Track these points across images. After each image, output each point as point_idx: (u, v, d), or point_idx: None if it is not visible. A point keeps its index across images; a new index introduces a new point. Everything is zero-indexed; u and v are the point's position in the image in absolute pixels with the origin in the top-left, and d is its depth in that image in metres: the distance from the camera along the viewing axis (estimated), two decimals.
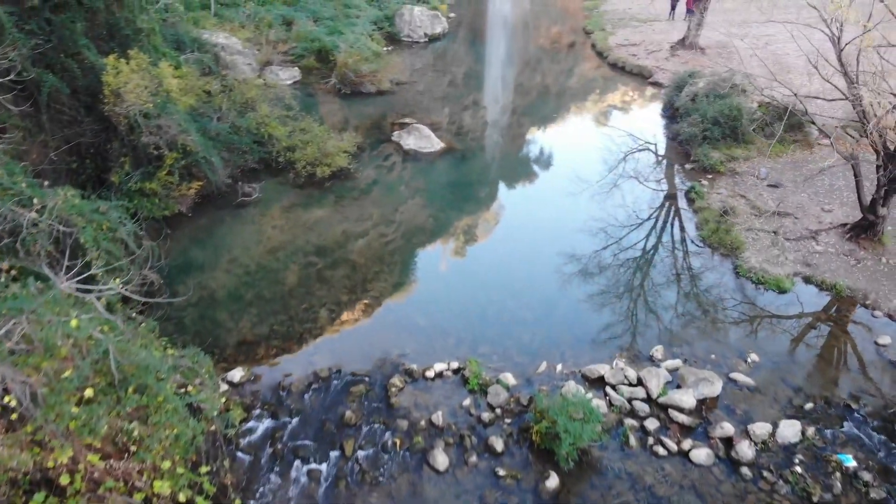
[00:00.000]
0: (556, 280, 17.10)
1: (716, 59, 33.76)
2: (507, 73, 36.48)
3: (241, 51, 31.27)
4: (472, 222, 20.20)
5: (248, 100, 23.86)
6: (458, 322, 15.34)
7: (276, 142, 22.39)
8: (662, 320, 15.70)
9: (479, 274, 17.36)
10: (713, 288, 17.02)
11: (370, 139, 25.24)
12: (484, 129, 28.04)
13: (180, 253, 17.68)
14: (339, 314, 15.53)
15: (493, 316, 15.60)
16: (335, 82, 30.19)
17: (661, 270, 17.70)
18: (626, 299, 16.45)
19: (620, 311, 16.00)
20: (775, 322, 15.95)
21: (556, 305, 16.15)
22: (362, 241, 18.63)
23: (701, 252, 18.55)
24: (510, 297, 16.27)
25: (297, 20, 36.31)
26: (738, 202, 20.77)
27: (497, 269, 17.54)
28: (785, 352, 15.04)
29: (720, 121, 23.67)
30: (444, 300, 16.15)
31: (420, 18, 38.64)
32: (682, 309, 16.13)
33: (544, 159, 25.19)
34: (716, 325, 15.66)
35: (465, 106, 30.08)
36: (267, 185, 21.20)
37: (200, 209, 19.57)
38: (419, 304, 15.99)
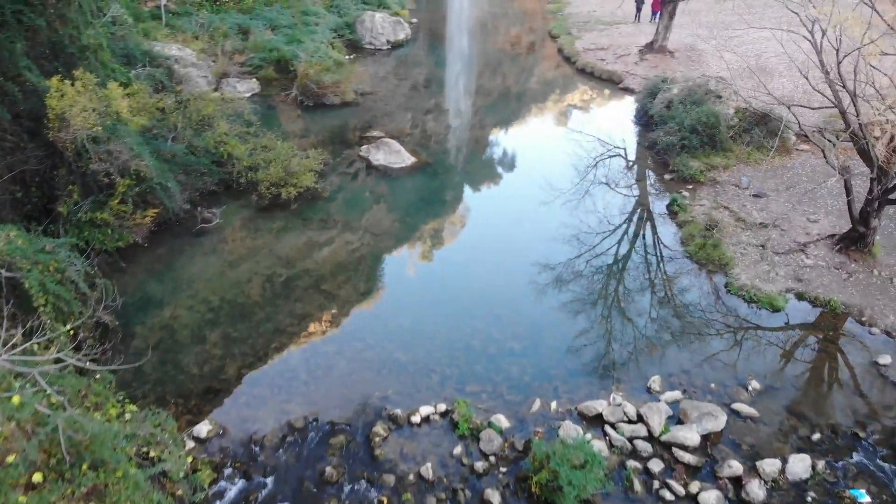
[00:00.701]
0: (540, 305, 16.31)
1: (686, 62, 33.50)
2: (472, 80, 35.71)
3: (195, 63, 29.95)
4: (449, 244, 19.31)
5: (205, 117, 22.61)
6: (441, 356, 14.42)
7: (237, 161, 21.22)
8: (656, 346, 15.00)
9: (460, 300, 16.46)
10: (705, 308, 16.40)
11: (337, 155, 24.20)
12: (453, 139, 27.23)
13: (137, 288, 16.47)
14: (313, 353, 14.49)
15: (479, 348, 14.72)
16: (297, 94, 29.03)
17: (649, 291, 17.02)
18: (615, 324, 15.72)
19: (611, 337, 15.26)
20: (772, 343, 15.38)
21: (542, 333, 15.35)
22: (333, 269, 17.61)
23: (688, 269, 17.94)
24: (494, 326, 15.42)
25: (253, 29, 35.06)
26: (722, 214, 20.22)
27: (478, 294, 16.68)
28: (785, 376, 14.47)
29: (698, 129, 23.16)
30: (426, 332, 15.21)
31: (382, 25, 37.64)
32: (676, 333, 15.46)
33: (517, 170, 24.44)
34: (712, 348, 15.02)
35: (432, 115, 29.22)
36: (228, 209, 20.03)
37: (157, 238, 18.35)
38: (398, 337, 15.02)
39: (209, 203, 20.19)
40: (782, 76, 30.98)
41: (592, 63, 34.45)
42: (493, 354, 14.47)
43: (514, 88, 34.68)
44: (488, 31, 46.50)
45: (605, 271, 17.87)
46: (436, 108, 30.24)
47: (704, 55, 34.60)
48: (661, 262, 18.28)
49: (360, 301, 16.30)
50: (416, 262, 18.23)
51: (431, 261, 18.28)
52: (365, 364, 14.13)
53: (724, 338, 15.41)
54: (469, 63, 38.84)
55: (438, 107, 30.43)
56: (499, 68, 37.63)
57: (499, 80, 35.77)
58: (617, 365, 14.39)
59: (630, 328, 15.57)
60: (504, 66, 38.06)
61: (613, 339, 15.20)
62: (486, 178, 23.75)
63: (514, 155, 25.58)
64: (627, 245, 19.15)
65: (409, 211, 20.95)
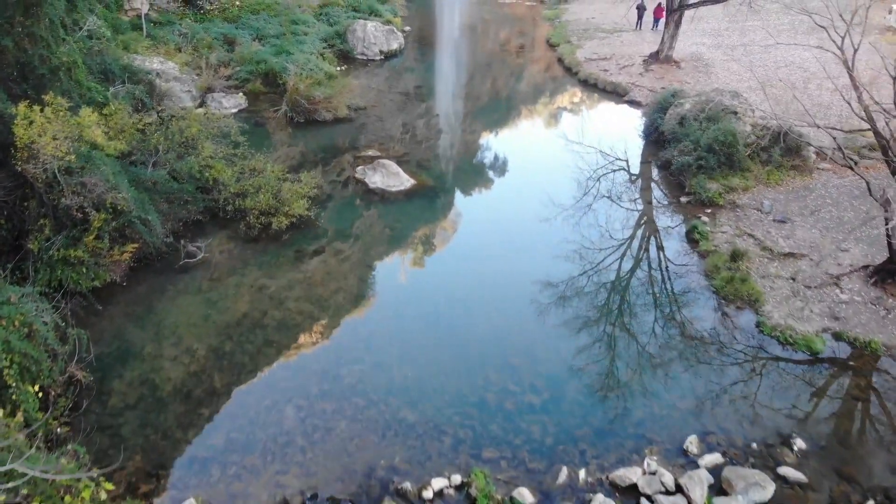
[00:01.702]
0: (558, 351, 15.08)
1: (693, 73, 32.43)
2: (471, 93, 34.44)
3: (178, 77, 28.61)
4: (455, 279, 18.01)
5: (189, 138, 21.27)
6: (452, 414, 13.14)
7: (224, 187, 19.89)
8: (688, 397, 13.78)
9: (470, 345, 15.19)
10: (738, 352, 15.19)
11: (331, 178, 22.93)
12: (454, 157, 26.01)
13: (114, 335, 15.13)
14: (310, 412, 13.16)
15: (494, 403, 13.45)
16: (286, 110, 27.70)
17: (676, 334, 15.79)
18: (642, 373, 14.47)
19: (638, 388, 14.01)
20: (812, 392, 14.21)
21: (562, 383, 14.11)
22: (328, 311, 16.32)
23: (715, 306, 16.74)
24: (509, 375, 14.16)
25: (239, 39, 33.75)
26: (746, 243, 19.06)
27: (489, 337, 15.44)
28: (830, 430, 13.29)
29: (715, 148, 22.01)
30: (433, 385, 13.92)
31: (374, 34, 36.39)
32: (709, 382, 14.23)
33: (526, 191, 23.03)
34: (749, 400, 13.82)
35: (430, 132, 28.00)
36: (214, 241, 18.71)
37: (137, 276, 17.01)
38: (403, 391, 13.72)
39: (194, 234, 18.87)
40: (795, 88, 29.88)
41: (596, 74, 33.32)
42: (510, 411, 13.20)
43: (515, 102, 33.52)
44: (484, 39, 45.36)
45: (625, 312, 16.66)
46: (434, 124, 29.03)
47: (712, 65, 33.56)
48: (686, 299, 17.06)
49: (360, 349, 14.98)
50: (420, 300, 16.94)
51: (436, 299, 16.97)
52: (368, 425, 12.82)
53: (761, 386, 14.20)
54: (466, 75, 37.59)
55: (437, 123, 29.22)
56: (497, 80, 36.50)
57: (498, 93, 34.64)
58: (648, 421, 13.14)
59: (658, 377, 14.34)
60: (503, 78, 36.94)
61: (641, 390, 13.95)
62: (490, 200, 22.56)
63: (520, 176, 24.34)
64: (649, 279, 17.96)
65: (409, 240, 19.71)
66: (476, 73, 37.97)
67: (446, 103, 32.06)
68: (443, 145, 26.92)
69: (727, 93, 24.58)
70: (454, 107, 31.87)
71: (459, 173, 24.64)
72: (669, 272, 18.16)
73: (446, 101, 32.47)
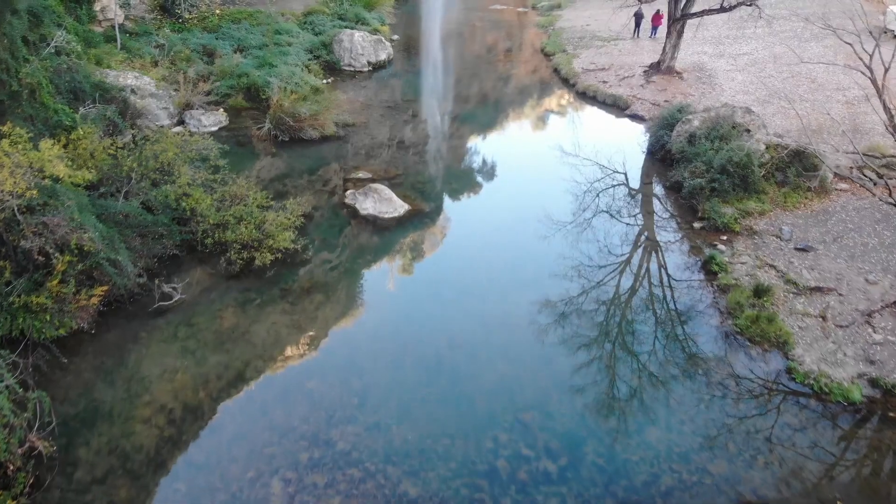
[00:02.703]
0: (572, 402, 13.84)
1: (696, 84, 31.38)
2: (464, 107, 33.13)
3: (154, 93, 27.22)
4: (459, 318, 16.72)
5: (164, 163, 19.92)
6: (460, 486, 11.87)
7: (202, 218, 18.54)
8: (720, 459, 12.58)
9: (477, 399, 13.91)
10: (770, 406, 14.00)
11: (319, 204, 21.63)
12: (449, 177, 24.77)
13: (81, 394, 13.77)
14: (299, 486, 11.85)
15: (505, 472, 12.18)
16: (270, 128, 26.35)
17: (702, 383, 14.55)
18: (669, 431, 13.25)
19: (664, 450, 12.79)
20: (851, 448, 13.06)
21: (580, 445, 12.86)
22: (320, 359, 15.02)
23: (740, 348, 15.56)
24: (522, 437, 12.90)
25: (219, 51, 32.37)
26: (768, 275, 17.93)
27: (499, 390, 14.15)
28: (875, 496, 12.11)
29: (729, 169, 20.88)
30: (437, 450, 12.62)
31: (362, 45, 35.11)
32: (742, 441, 13.02)
33: (528, 214, 21.61)
34: (788, 462, 12.62)
35: (423, 150, 26.75)
36: (192, 279, 17.37)
37: (107, 322, 15.66)
38: (403, 458, 12.42)
39: (170, 272, 17.52)
40: (804, 100, 28.94)
41: (595, 86, 32.17)
42: (524, 483, 11.93)
43: (512, 117, 32.29)
44: (475, 48, 44.12)
45: (642, 358, 15.43)
46: (427, 141, 27.77)
47: (715, 75, 32.50)
48: (711, 341, 15.85)
49: (353, 405, 13.67)
50: (418, 345, 15.61)
51: (437, 343, 15.64)
52: (367, 500, 11.52)
53: (798, 443, 13.01)
54: (459, 87, 36.25)
55: (430, 140, 27.94)
56: (491, 93, 35.23)
57: (493, 108, 33.31)
58: (677, 490, 11.92)
59: (685, 435, 13.12)
60: (497, 91, 35.69)
61: (667, 451, 12.73)
62: (491, 224, 21.21)
63: (521, 197, 22.91)
64: (667, 319, 16.76)
65: (405, 274, 18.45)
66: (468, 84, 36.72)
67: (439, 119, 30.79)
68: (437, 165, 25.67)
69: (738, 109, 23.46)
70: (447, 123, 30.61)
71: (456, 195, 23.40)
72: (689, 310, 16.94)
73: (439, 116, 31.19)
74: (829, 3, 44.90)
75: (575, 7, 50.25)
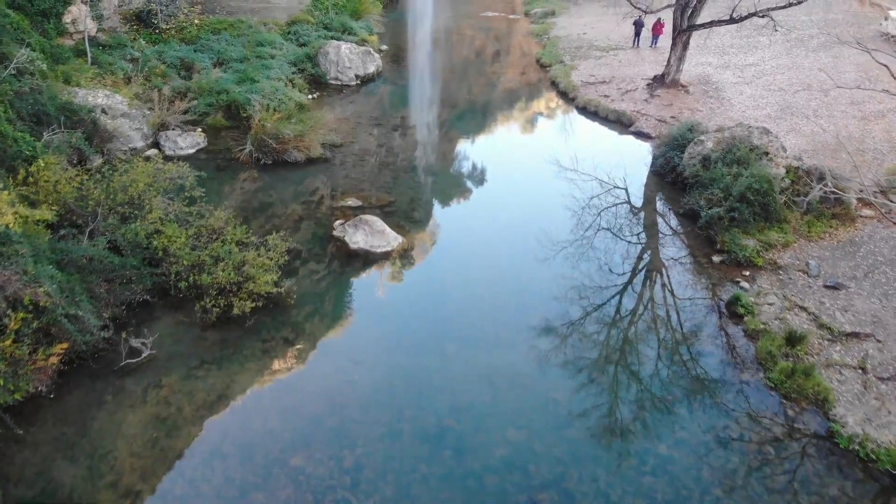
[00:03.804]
0: (595, 478, 12.37)
1: (703, 98, 30.11)
2: (460, 123, 31.58)
3: (127, 112, 25.66)
4: (463, 376, 15.21)
5: (135, 196, 18.36)
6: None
7: (175, 259, 16.97)
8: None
9: (487, 477, 12.44)
10: (811, 475, 12.60)
11: (305, 236, 20.10)
12: (445, 202, 23.23)
13: (39, 472, 12.25)
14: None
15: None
16: (251, 150, 24.76)
17: (737, 452, 13.11)
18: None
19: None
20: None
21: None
22: (306, 427, 13.48)
23: (776, 408, 14.16)
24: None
25: (198, 64, 30.73)
26: (798, 318, 16.57)
27: (510, 464, 12.69)
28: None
29: (749, 198, 19.53)
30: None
31: (349, 57, 33.58)
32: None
33: (534, 243, 20.10)
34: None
35: (417, 173, 25.23)
36: (164, 330, 15.80)
37: (68, 383, 14.11)
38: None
39: (139, 320, 15.96)
40: (818, 115, 27.71)
41: (596, 101, 30.76)
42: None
43: (510, 135, 30.71)
44: (467, 59, 42.62)
45: (665, 416, 13.99)
46: (421, 163, 26.23)
47: (723, 89, 31.22)
48: (744, 398, 14.43)
49: (344, 486, 12.14)
50: (417, 410, 14.08)
51: (438, 406, 14.12)
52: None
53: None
54: (451, 101, 34.64)
55: (424, 162, 26.41)
56: (488, 109, 33.59)
57: (490, 125, 31.67)
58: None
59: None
60: (494, 107, 34.11)
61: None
62: (493, 254, 19.68)
63: (525, 225, 21.21)
64: (694, 370, 15.32)
65: (401, 321, 16.92)
66: (461, 97, 35.19)
67: (432, 138, 29.26)
68: (432, 189, 24.15)
69: (755, 129, 22.12)
70: (441, 142, 29.07)
71: (454, 224, 21.87)
72: (717, 362, 15.50)
73: (432, 135, 29.66)
74: (830, 9, 43.95)
75: (569, 14, 48.88)
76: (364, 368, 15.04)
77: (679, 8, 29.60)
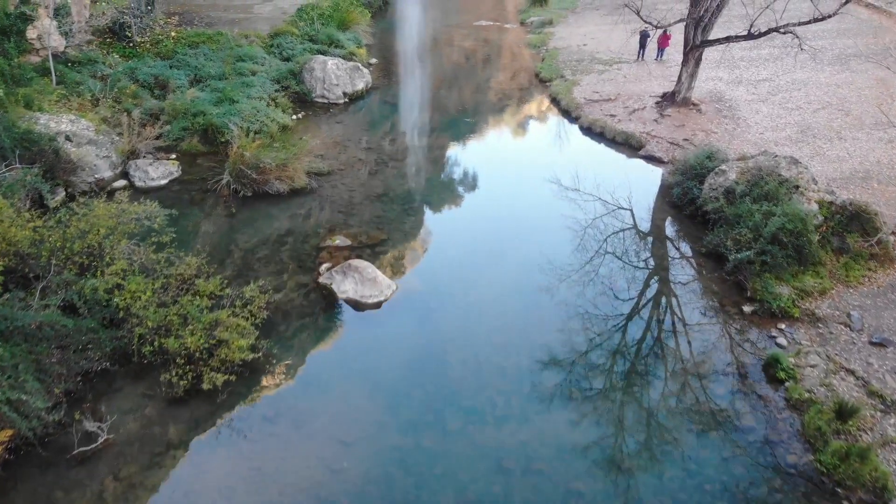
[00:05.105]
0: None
1: (717, 118, 28.55)
2: (456, 146, 29.71)
3: (94, 139, 23.87)
4: (469, 460, 13.46)
5: (93, 246, 16.53)
6: None
7: (139, 319, 15.14)
8: None
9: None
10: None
11: (287, 285, 18.33)
12: (444, 238, 21.44)
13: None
14: None
15: None
16: (229, 181, 22.93)
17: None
18: None
19: None
20: None
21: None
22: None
23: (824, 493, 12.46)
24: None
25: (173, 81, 28.89)
26: (845, 384, 14.90)
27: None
28: None
29: (782, 239, 17.87)
30: None
31: (336, 73, 31.79)
32: None
33: (542, 286, 18.45)
34: None
35: (412, 205, 23.42)
36: (125, 406, 14.02)
37: (14, 474, 12.39)
38: None
39: (97, 394, 14.18)
40: (842, 139, 26.13)
41: (602, 121, 29.06)
42: None
43: (512, 158, 28.72)
44: (462, 72, 40.79)
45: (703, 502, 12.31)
46: (416, 193, 24.41)
47: (737, 107, 29.62)
48: (791, 486, 12.72)
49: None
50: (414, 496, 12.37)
51: (443, 500, 12.40)
52: None
53: None
54: (447, 121, 32.67)
55: (419, 191, 24.60)
56: (486, 129, 31.69)
57: (490, 148, 29.71)
58: None
59: None
60: (492, 125, 32.33)
61: None
62: (499, 300, 17.96)
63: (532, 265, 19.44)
64: (733, 452, 13.61)
65: (396, 388, 15.13)
66: (458, 116, 33.40)
67: (427, 163, 27.39)
68: (428, 224, 22.37)
69: (782, 159, 20.50)
70: (437, 168, 27.27)
71: (453, 263, 20.00)
72: (760, 441, 13.78)
73: (427, 160, 27.79)
74: (842, 20, 42.48)
75: (568, 23, 47.18)
76: (354, 453, 13.24)
77: (692, 22, 27.98)
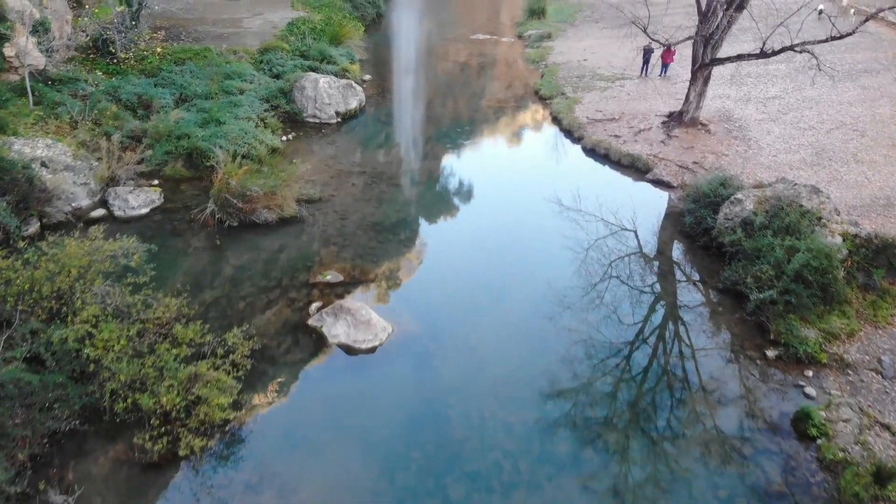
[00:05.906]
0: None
1: (727, 140, 27.52)
2: (454, 169, 28.51)
3: (71, 165, 22.80)
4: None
5: (63, 289, 15.33)
6: None
7: (111, 373, 13.92)
8: None
9: None
10: None
11: (274, 327, 17.14)
12: (443, 272, 20.24)
13: None
14: None
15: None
16: (214, 209, 21.73)
17: None
18: None
19: None
20: None
21: None
22: None
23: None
24: None
25: (157, 101, 27.75)
26: (881, 440, 13.77)
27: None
28: None
29: (807, 277, 16.77)
30: None
31: (328, 92, 30.68)
32: None
33: (559, 338, 17.36)
34: None
35: (408, 234, 22.28)
36: (95, 472, 12.80)
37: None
38: None
39: (64, 457, 12.93)
40: (860, 162, 25.10)
41: (606, 142, 27.99)
42: None
43: (514, 184, 27.38)
44: (469, 94, 39.51)
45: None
46: (413, 221, 23.25)
47: (747, 127, 28.60)
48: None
49: None
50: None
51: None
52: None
53: None
54: (443, 141, 31.49)
55: (416, 219, 23.44)
56: (484, 152, 30.50)
57: (490, 174, 28.37)
58: None
59: None
60: (491, 146, 31.17)
61: None
62: (508, 350, 16.78)
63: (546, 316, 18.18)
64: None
65: (390, 446, 13.92)
66: (455, 135, 32.30)
67: (424, 188, 26.21)
68: (427, 257, 21.19)
69: (803, 188, 19.43)
70: (436, 192, 26.12)
71: (454, 301, 18.78)
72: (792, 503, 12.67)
73: (423, 184, 26.60)
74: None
75: (567, 37, 46.22)
76: None
77: (701, 40, 26.98)
